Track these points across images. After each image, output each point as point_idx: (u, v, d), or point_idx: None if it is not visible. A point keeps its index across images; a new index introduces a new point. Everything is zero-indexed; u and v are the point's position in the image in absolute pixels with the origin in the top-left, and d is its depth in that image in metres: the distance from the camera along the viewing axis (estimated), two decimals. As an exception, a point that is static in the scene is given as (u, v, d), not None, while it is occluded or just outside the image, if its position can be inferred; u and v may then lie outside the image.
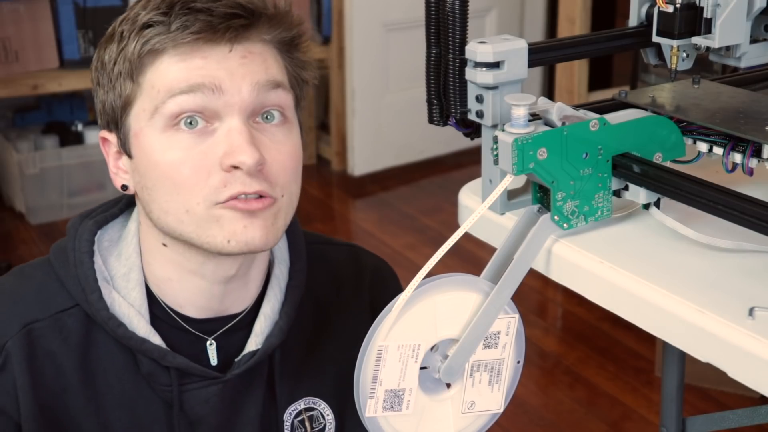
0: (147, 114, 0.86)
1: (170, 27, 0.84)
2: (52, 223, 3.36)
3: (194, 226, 0.86)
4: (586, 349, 2.64)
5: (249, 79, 0.86)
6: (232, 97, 0.85)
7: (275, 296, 0.97)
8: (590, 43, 0.88)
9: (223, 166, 0.85)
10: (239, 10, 0.85)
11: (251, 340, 0.95)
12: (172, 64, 0.85)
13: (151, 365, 0.91)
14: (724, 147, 0.77)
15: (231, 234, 0.86)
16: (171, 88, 0.85)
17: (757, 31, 0.84)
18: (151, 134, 0.86)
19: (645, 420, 2.33)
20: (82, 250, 0.92)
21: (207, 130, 0.86)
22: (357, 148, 3.86)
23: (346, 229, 3.53)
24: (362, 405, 0.75)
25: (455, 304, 0.75)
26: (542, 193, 0.79)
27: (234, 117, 0.85)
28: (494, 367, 0.79)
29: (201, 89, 0.84)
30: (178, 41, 0.84)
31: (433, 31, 0.79)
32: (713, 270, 0.72)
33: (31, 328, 0.90)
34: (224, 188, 0.85)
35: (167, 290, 0.93)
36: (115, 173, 0.92)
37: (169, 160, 0.85)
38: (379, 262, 1.12)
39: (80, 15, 3.38)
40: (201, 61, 0.85)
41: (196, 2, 0.85)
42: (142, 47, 0.85)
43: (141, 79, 0.86)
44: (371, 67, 3.79)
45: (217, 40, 0.85)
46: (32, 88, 3.31)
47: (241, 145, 0.84)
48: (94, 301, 0.90)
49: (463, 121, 0.81)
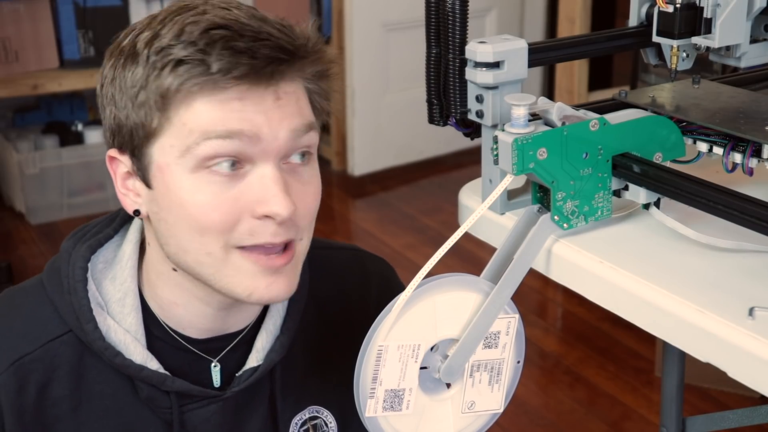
0: (176, 151, 0.82)
1: (210, 68, 0.79)
2: (52, 223, 3.36)
3: (214, 270, 0.84)
4: (586, 349, 2.64)
5: (286, 125, 0.82)
6: (269, 144, 0.81)
7: (278, 312, 0.96)
8: (590, 43, 0.88)
9: (254, 214, 0.82)
10: (281, 54, 0.81)
11: (252, 356, 0.94)
12: (208, 104, 0.80)
13: (150, 390, 0.90)
14: (724, 147, 0.77)
15: (253, 289, 0.84)
16: (206, 131, 0.80)
17: (757, 31, 0.84)
18: (178, 172, 0.82)
19: (645, 420, 2.33)
20: (75, 278, 0.89)
21: (238, 174, 0.82)
22: (357, 148, 3.86)
23: (346, 229, 3.53)
24: (362, 405, 0.75)
25: (455, 304, 0.75)
26: (542, 193, 0.79)
27: (268, 162, 0.82)
28: (494, 367, 0.79)
29: (239, 136, 0.80)
30: (219, 85, 0.79)
31: (433, 31, 0.79)
32: (713, 270, 0.72)
33: (21, 363, 0.88)
34: (250, 236, 0.82)
35: (171, 314, 0.92)
36: (124, 194, 0.88)
37: (197, 202, 0.81)
38: (382, 264, 1.11)
39: (80, 15, 3.38)
40: (238, 104, 0.80)
41: (238, 41, 0.79)
42: (179, 86, 0.80)
43: (171, 114, 0.81)
44: (371, 67, 3.79)
45: (259, 84, 0.81)
46: (32, 88, 3.31)
47: (277, 195, 0.81)
48: (89, 331, 0.88)
49: (463, 121, 0.81)
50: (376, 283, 1.07)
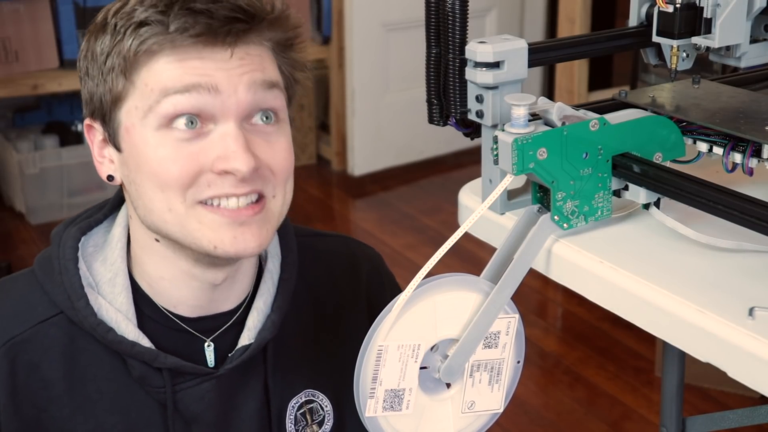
0: (140, 112, 0.85)
1: (168, 27, 0.82)
2: (52, 223, 3.36)
3: (178, 226, 0.86)
4: (586, 349, 2.64)
5: (246, 80, 0.85)
6: (229, 98, 0.84)
7: (268, 290, 0.97)
8: (590, 43, 0.88)
9: (214, 170, 0.84)
10: (240, 14, 0.84)
11: (244, 334, 0.95)
12: (167, 63, 0.84)
13: (142, 368, 0.90)
14: (724, 147, 0.77)
15: (218, 242, 0.85)
16: (166, 87, 0.83)
17: (757, 31, 0.84)
18: (143, 132, 0.85)
19: (645, 420, 2.33)
20: (66, 257, 0.91)
21: (201, 132, 0.84)
22: (357, 148, 3.86)
23: (346, 229, 3.53)
24: (362, 405, 0.75)
25: (455, 304, 0.75)
26: (542, 193, 0.79)
27: (230, 120, 0.84)
28: (494, 367, 0.79)
29: (197, 89, 0.83)
30: (177, 43, 0.83)
31: (433, 31, 0.79)
32: (713, 270, 0.72)
33: (12, 343, 0.89)
34: (207, 188, 0.84)
35: (160, 290, 0.93)
36: (100, 162, 0.91)
37: (158, 157, 0.84)
38: (370, 251, 1.12)
39: (80, 15, 3.38)
40: (198, 62, 0.83)
41: (196, 2, 0.83)
42: (139, 46, 0.83)
43: (134, 77, 0.85)
44: (371, 67, 3.79)
45: (216, 43, 0.84)
46: (32, 88, 3.31)
47: (236, 152, 0.83)
48: (81, 307, 0.89)
49: (463, 121, 0.81)
50: (366, 269, 1.09)
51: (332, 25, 3.78)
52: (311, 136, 3.97)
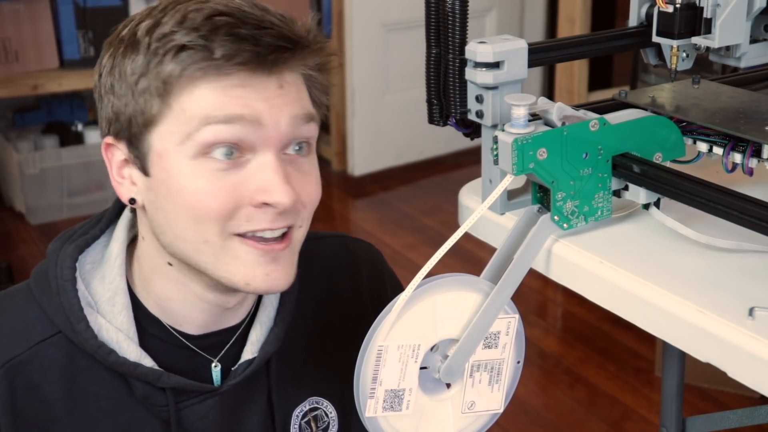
0: (176, 138, 0.81)
1: (213, 54, 0.79)
2: (52, 223, 3.36)
3: (212, 258, 0.84)
4: (586, 349, 2.64)
5: (288, 112, 0.82)
6: (271, 131, 0.81)
7: (271, 304, 0.96)
8: (590, 43, 0.88)
9: (253, 203, 0.82)
10: (284, 42, 0.81)
11: (247, 348, 0.94)
12: (209, 90, 0.80)
13: (145, 388, 0.89)
14: (724, 147, 0.77)
15: (251, 278, 0.84)
16: (207, 116, 0.80)
17: (757, 31, 0.84)
18: (178, 159, 0.82)
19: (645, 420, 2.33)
20: (64, 277, 0.89)
21: (239, 162, 0.82)
22: (357, 148, 3.86)
23: (346, 229, 3.53)
24: (362, 405, 0.75)
25: (455, 304, 0.75)
26: (542, 193, 0.79)
27: (269, 151, 0.82)
28: (494, 367, 0.79)
29: (240, 121, 0.80)
30: (222, 71, 0.80)
31: (433, 31, 0.79)
32: (713, 270, 0.72)
33: (11, 365, 0.87)
34: (247, 222, 0.82)
35: (167, 309, 0.91)
36: (119, 182, 0.88)
37: (196, 189, 0.81)
38: (370, 248, 1.11)
39: (80, 15, 3.38)
40: (240, 90, 0.80)
41: (241, 29, 0.80)
42: (181, 72, 0.80)
43: (171, 101, 0.81)
44: (371, 67, 3.79)
45: (260, 71, 0.81)
46: (32, 88, 3.31)
47: (278, 185, 0.81)
48: (81, 330, 0.87)
49: (463, 121, 0.81)
50: (366, 268, 1.08)
51: (332, 25, 3.78)
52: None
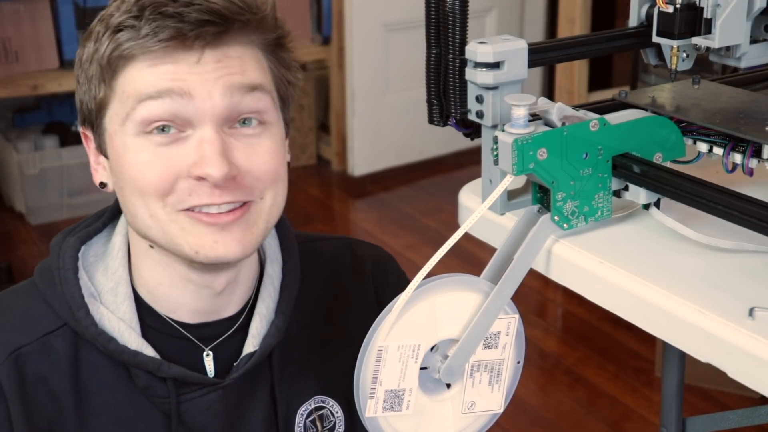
0: (119, 119, 0.84)
1: (140, 32, 0.81)
2: (52, 223, 3.36)
3: (161, 233, 0.85)
4: (586, 349, 2.64)
5: (221, 83, 0.83)
6: (203, 102, 0.82)
7: (270, 295, 0.96)
8: (590, 43, 0.88)
9: (191, 176, 0.83)
10: (212, 17, 0.82)
11: (248, 341, 0.94)
12: (142, 69, 0.83)
13: (146, 378, 0.89)
14: (724, 147, 0.77)
15: (198, 247, 0.85)
16: (139, 93, 0.83)
17: (757, 31, 0.84)
18: (123, 138, 0.85)
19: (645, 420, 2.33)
20: (66, 267, 0.90)
21: (179, 137, 0.83)
22: (357, 148, 3.86)
23: (346, 229, 3.53)
24: (362, 405, 0.75)
25: (455, 305, 0.75)
26: (542, 193, 0.79)
27: (206, 125, 0.83)
28: (494, 368, 0.79)
29: (169, 94, 0.82)
30: (147, 48, 0.82)
31: (433, 31, 0.79)
32: (713, 270, 0.72)
33: (19, 353, 0.88)
34: (188, 196, 0.84)
35: (159, 296, 0.92)
36: (95, 169, 0.92)
37: (136, 163, 0.84)
38: (376, 250, 1.11)
39: (80, 15, 3.39)
40: (171, 66, 0.82)
41: (168, 6, 0.82)
42: (113, 52, 0.83)
43: (113, 83, 0.84)
44: (371, 67, 3.80)
45: (188, 47, 0.82)
46: (32, 88, 3.31)
47: (211, 157, 0.82)
48: (81, 318, 0.88)
49: (463, 122, 0.81)
50: (371, 267, 1.07)
51: (332, 25, 3.78)
52: (311, 137, 3.97)
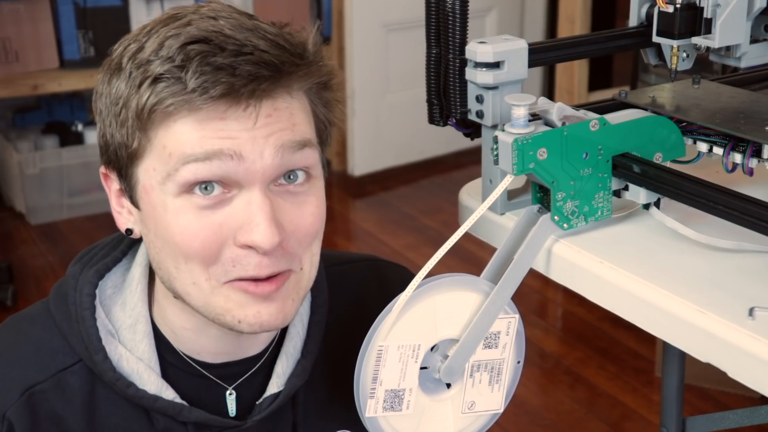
0: (158, 176, 0.77)
1: (186, 86, 0.73)
2: (52, 223, 3.36)
3: (202, 302, 0.80)
4: (586, 349, 2.64)
5: (273, 142, 0.76)
6: (254, 164, 0.75)
7: (298, 334, 0.91)
8: (590, 43, 0.88)
9: (237, 243, 0.76)
10: (266, 69, 0.74)
11: (273, 381, 0.89)
12: (186, 125, 0.75)
13: (166, 421, 0.85)
14: (724, 147, 0.77)
15: (242, 317, 0.79)
16: (184, 154, 0.75)
17: (757, 31, 0.84)
18: (162, 196, 0.77)
19: (645, 420, 2.33)
20: (83, 306, 0.85)
21: (224, 198, 0.76)
22: (357, 148, 3.86)
23: (346, 229, 3.53)
24: (362, 405, 0.75)
25: (455, 304, 0.75)
26: (542, 193, 0.79)
27: (254, 187, 0.76)
28: (494, 367, 0.79)
29: (219, 156, 0.74)
30: (195, 105, 0.74)
31: (433, 31, 0.79)
32: (713, 270, 0.72)
33: (32, 392, 0.84)
34: (233, 268, 0.77)
35: (183, 338, 0.87)
36: (118, 212, 0.84)
37: (179, 227, 0.77)
38: (404, 272, 1.04)
39: (80, 15, 3.38)
40: (220, 124, 0.74)
41: (217, 56, 0.73)
42: (155, 105, 0.74)
43: (151, 134, 0.76)
44: (371, 67, 3.79)
45: (239, 104, 0.74)
46: (32, 88, 3.31)
47: (259, 225, 0.75)
48: (99, 361, 0.84)
49: (463, 121, 0.81)
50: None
51: (332, 25, 3.78)
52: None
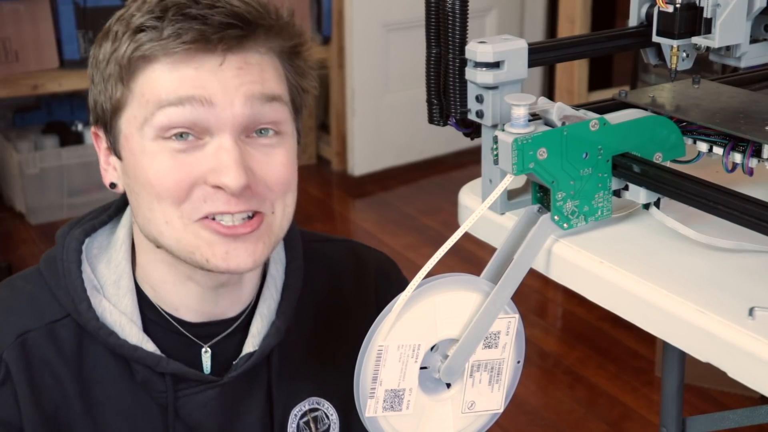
0: (137, 122, 0.84)
1: (162, 33, 0.81)
2: (52, 223, 3.36)
3: (174, 240, 0.85)
4: (586, 349, 2.64)
5: (243, 92, 0.83)
6: (224, 111, 0.82)
7: (271, 296, 0.96)
8: (590, 43, 0.88)
9: (207, 183, 0.83)
10: (235, 20, 0.82)
11: (248, 341, 0.94)
12: (163, 72, 0.82)
13: (145, 372, 0.90)
14: (724, 147, 0.77)
15: (210, 255, 0.85)
16: (160, 99, 0.82)
17: (757, 31, 0.84)
18: (141, 141, 0.84)
19: (645, 420, 2.33)
20: (69, 259, 0.91)
21: (197, 144, 0.83)
22: (357, 148, 3.86)
23: (346, 229, 3.53)
24: (362, 405, 0.75)
25: (455, 304, 0.75)
26: (542, 193, 0.79)
27: (225, 134, 0.83)
28: (494, 367, 0.79)
29: (191, 102, 0.82)
30: (169, 50, 0.81)
31: (433, 31, 0.79)
32: (713, 270, 0.72)
33: (26, 338, 0.89)
34: (203, 204, 0.83)
35: (163, 293, 0.92)
36: (105, 169, 0.92)
37: (154, 168, 0.83)
38: (380, 256, 1.11)
39: (80, 15, 3.38)
40: (193, 71, 0.82)
41: (192, 8, 0.81)
42: (134, 52, 0.82)
43: (132, 85, 0.84)
44: (371, 67, 3.79)
45: (210, 50, 0.82)
46: (32, 88, 3.31)
47: (229, 166, 0.82)
48: (83, 311, 0.89)
49: (463, 121, 0.81)
50: (374, 273, 1.07)
51: (332, 25, 3.78)
52: (311, 136, 3.97)
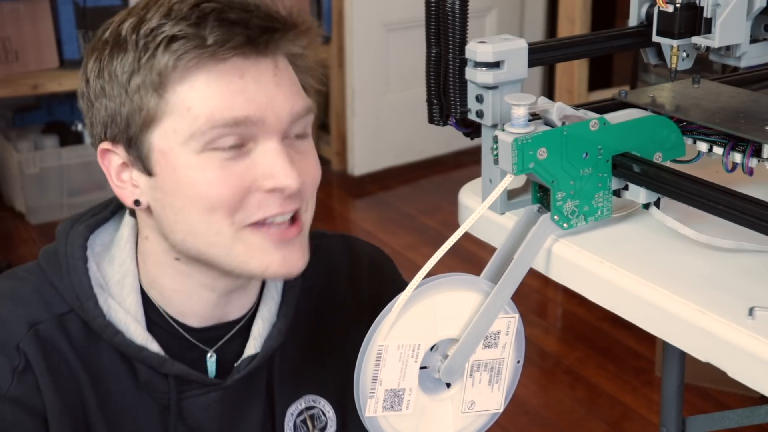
0: (180, 137, 0.82)
1: (206, 41, 0.79)
2: (52, 223, 3.36)
3: (225, 251, 0.84)
4: (586, 349, 2.64)
5: (288, 107, 0.84)
6: (273, 126, 0.83)
7: (272, 298, 0.96)
8: (590, 43, 0.88)
9: (262, 188, 0.83)
10: (272, 22, 0.82)
11: (250, 343, 0.94)
12: (209, 83, 0.81)
13: (148, 373, 0.89)
14: (724, 147, 0.77)
15: (268, 264, 0.85)
16: (213, 118, 0.81)
17: (757, 31, 0.84)
18: (184, 155, 0.82)
19: (645, 420, 2.33)
20: (75, 256, 0.89)
21: (243, 151, 0.83)
22: (357, 148, 3.86)
23: (346, 229, 3.53)
24: (362, 405, 0.75)
25: (455, 304, 0.75)
26: (542, 193, 0.79)
27: (272, 139, 0.83)
28: (494, 367, 0.79)
29: (245, 123, 0.81)
30: (218, 57, 0.80)
31: (433, 31, 0.79)
32: (713, 270, 0.72)
33: (38, 328, 0.88)
34: (258, 210, 0.83)
35: (172, 300, 0.91)
36: (120, 187, 0.88)
37: (207, 180, 0.82)
38: (373, 250, 1.11)
39: (80, 15, 3.38)
40: (239, 82, 0.81)
41: (230, 14, 0.80)
42: (176, 62, 0.79)
43: (169, 96, 0.81)
44: (371, 67, 3.79)
45: (253, 55, 0.82)
46: (32, 88, 3.31)
47: (284, 168, 0.82)
48: (90, 308, 0.88)
49: (463, 121, 0.81)
50: (367, 266, 1.07)
51: (332, 25, 3.78)
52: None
